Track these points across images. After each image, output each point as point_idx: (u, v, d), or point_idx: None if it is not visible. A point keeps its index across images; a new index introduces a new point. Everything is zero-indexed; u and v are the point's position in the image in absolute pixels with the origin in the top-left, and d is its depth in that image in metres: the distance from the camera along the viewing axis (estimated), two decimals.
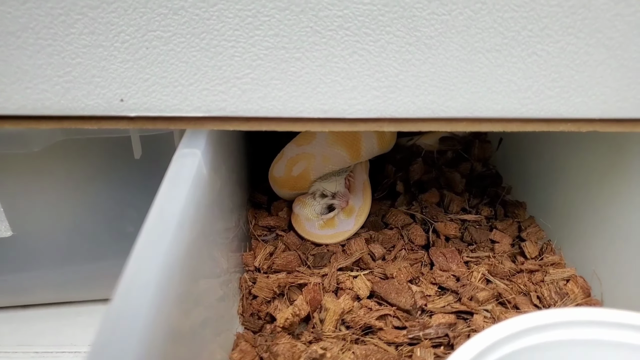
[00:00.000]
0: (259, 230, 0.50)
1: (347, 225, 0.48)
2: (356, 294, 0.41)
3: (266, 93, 0.32)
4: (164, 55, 0.30)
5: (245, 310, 0.41)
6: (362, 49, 0.31)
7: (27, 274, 0.48)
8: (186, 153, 0.33)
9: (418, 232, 0.48)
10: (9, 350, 0.44)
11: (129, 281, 0.24)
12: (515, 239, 0.49)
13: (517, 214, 0.51)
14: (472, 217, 0.51)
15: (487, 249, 0.47)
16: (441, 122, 0.33)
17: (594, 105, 0.33)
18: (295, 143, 0.49)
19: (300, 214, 0.50)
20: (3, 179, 0.42)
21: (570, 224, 0.47)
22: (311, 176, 0.50)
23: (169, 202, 0.29)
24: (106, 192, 0.45)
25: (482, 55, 0.31)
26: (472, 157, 0.59)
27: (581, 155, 0.46)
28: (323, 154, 0.48)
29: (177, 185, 0.30)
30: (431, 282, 0.43)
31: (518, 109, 0.33)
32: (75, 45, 0.30)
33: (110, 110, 0.32)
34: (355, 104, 0.32)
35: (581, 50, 0.31)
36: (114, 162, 0.43)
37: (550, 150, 0.51)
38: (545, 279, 0.43)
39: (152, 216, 0.28)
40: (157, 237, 0.26)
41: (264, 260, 0.45)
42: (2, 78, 0.30)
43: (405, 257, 0.45)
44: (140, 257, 0.25)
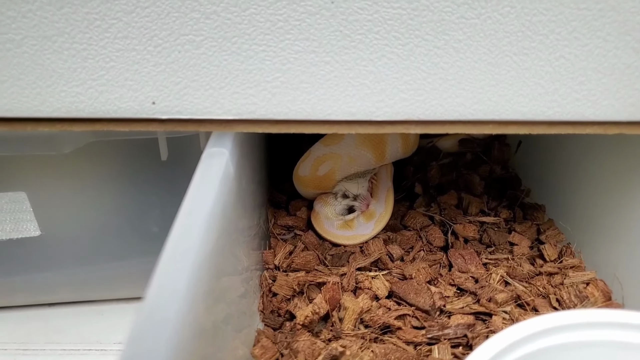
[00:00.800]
0: (278, 229, 0.50)
1: (366, 229, 0.49)
2: (375, 293, 0.41)
3: (295, 96, 0.32)
4: (195, 59, 0.31)
5: (266, 307, 0.41)
6: (390, 53, 0.31)
7: (53, 273, 0.49)
8: (214, 153, 0.33)
9: (437, 234, 0.48)
10: (37, 348, 0.45)
11: (160, 280, 0.24)
12: (534, 241, 0.49)
13: (536, 216, 0.51)
14: (490, 220, 0.51)
15: (506, 251, 0.47)
16: (468, 124, 0.33)
17: (621, 107, 0.33)
18: (323, 143, 0.50)
19: (320, 212, 0.51)
20: (33, 180, 0.43)
21: (590, 226, 0.47)
22: (337, 176, 0.50)
23: (199, 201, 0.29)
24: (132, 193, 0.45)
25: (510, 59, 0.31)
26: (491, 159, 0.60)
27: (602, 158, 0.46)
28: (350, 155, 0.49)
29: (206, 183, 0.30)
30: (450, 283, 0.43)
31: (545, 111, 0.33)
32: (109, 49, 0.30)
33: (142, 113, 0.32)
34: (382, 107, 0.32)
35: (609, 54, 0.31)
36: (140, 163, 0.44)
37: (570, 153, 0.51)
38: (564, 282, 0.43)
39: (183, 214, 0.28)
40: (187, 236, 0.27)
41: (283, 258, 0.45)
42: (38, 82, 0.31)
43: (424, 259, 0.46)
44: (171, 256, 0.25)
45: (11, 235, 0.45)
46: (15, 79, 0.31)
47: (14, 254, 0.47)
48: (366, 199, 0.51)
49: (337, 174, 0.50)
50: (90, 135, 0.39)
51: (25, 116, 0.32)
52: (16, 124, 0.33)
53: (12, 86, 0.31)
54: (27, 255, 0.47)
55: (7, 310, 0.50)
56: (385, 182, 0.53)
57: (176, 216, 0.28)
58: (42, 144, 0.38)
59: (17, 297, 0.50)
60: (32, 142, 0.38)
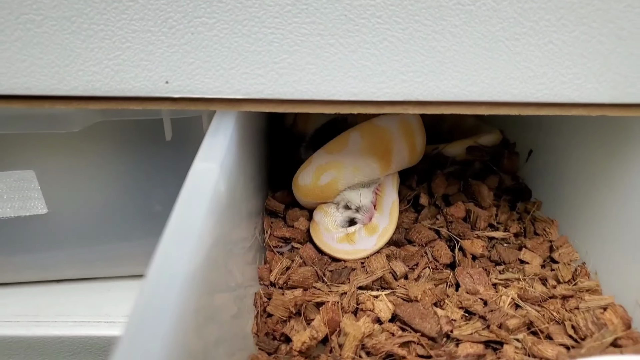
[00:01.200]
0: (275, 241, 0.48)
1: (368, 243, 0.46)
2: (377, 316, 0.39)
3: (301, 77, 0.34)
4: (207, 40, 0.32)
5: (260, 329, 0.39)
6: (392, 36, 0.33)
7: (59, 251, 0.50)
8: (217, 133, 0.35)
9: (443, 250, 0.45)
10: (49, 320, 0.47)
11: (145, 302, 0.22)
12: (546, 259, 0.46)
13: (548, 232, 0.49)
14: (500, 235, 0.48)
15: (517, 270, 0.44)
16: (463, 105, 0.35)
17: (604, 90, 0.35)
18: (325, 150, 0.47)
19: (320, 223, 0.48)
20: (42, 158, 0.44)
21: (608, 245, 0.44)
22: (339, 186, 0.48)
23: (192, 205, 0.29)
24: (136, 172, 0.47)
25: (502, 44, 0.34)
26: (500, 168, 0.57)
27: (623, 169, 0.42)
28: (354, 164, 0.47)
29: (198, 190, 0.30)
30: (457, 305, 0.40)
31: (534, 93, 0.35)
32: (125, 30, 0.32)
33: (155, 92, 0.34)
34: (383, 88, 0.34)
35: (594, 40, 0.33)
36: (145, 143, 0.45)
37: (586, 164, 0.47)
38: (580, 306, 0.40)
39: (175, 219, 0.28)
40: (177, 248, 0.26)
41: (280, 275, 0.43)
42: (57, 61, 0.33)
43: (430, 277, 0.43)
44: (158, 275, 0.24)
45: (19, 212, 0.46)
46: (35, 58, 0.32)
47: (22, 231, 0.48)
48: (369, 211, 0.48)
49: (340, 184, 0.48)
50: (98, 115, 0.41)
51: (43, 94, 0.34)
52: (34, 101, 0.34)
53: (31, 65, 0.33)
54: (34, 232, 0.48)
55: (16, 286, 0.52)
56: (390, 194, 0.49)
57: (168, 219, 0.27)
58: (53, 122, 0.40)
59: (25, 274, 0.52)
60: (43, 121, 0.40)
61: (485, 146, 0.58)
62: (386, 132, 0.47)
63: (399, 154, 0.48)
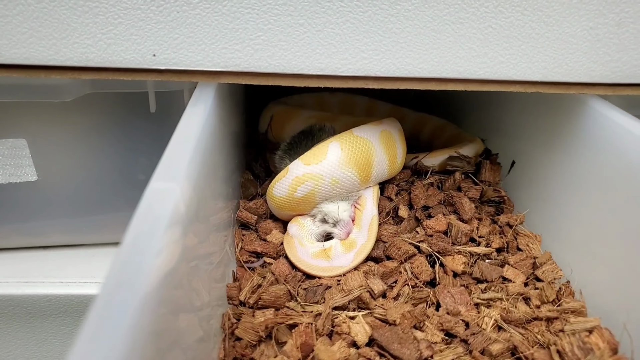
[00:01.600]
0: (245, 256, 0.46)
1: (344, 260, 0.44)
2: (353, 339, 0.37)
3: (274, 52, 0.39)
4: (191, 18, 0.37)
5: (227, 354, 0.36)
6: (353, 18, 0.38)
7: (47, 219, 0.54)
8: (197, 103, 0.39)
9: (423, 267, 0.44)
10: (37, 281, 0.50)
11: (94, 325, 0.20)
12: (529, 276, 0.45)
13: (531, 247, 0.47)
14: (482, 250, 0.46)
15: (500, 289, 0.43)
16: (416, 80, 0.41)
17: (536, 70, 0.41)
18: (303, 161, 0.45)
19: (294, 237, 0.46)
20: (34, 126, 0.47)
21: (594, 263, 0.42)
22: (317, 199, 0.46)
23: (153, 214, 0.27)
24: (122, 142, 0.51)
25: (449, 27, 0.39)
26: (481, 180, 0.55)
27: (609, 181, 0.41)
28: (333, 176, 0.45)
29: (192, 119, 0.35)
30: (438, 327, 0.39)
31: (477, 71, 0.41)
32: (118, 7, 0.36)
33: (143, 64, 0.38)
34: (346, 64, 0.39)
35: (526, 25, 0.39)
36: (131, 115, 0.49)
37: (569, 176, 0.46)
38: (565, 329, 0.38)
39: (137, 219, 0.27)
40: (135, 261, 0.24)
41: (250, 293, 0.41)
42: (54, 34, 0.36)
43: (409, 296, 0.41)
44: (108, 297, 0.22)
45: (10, 179, 0.50)
46: (34, 31, 0.36)
47: (12, 198, 0.51)
48: (347, 226, 0.46)
49: (318, 197, 0.46)
50: (89, 86, 0.44)
51: (40, 64, 0.37)
52: (31, 70, 0.38)
53: (30, 37, 0.36)
54: (24, 199, 0.52)
55: (5, 251, 0.55)
56: (370, 208, 0.47)
57: (125, 232, 0.26)
58: (47, 92, 0.43)
59: (13, 240, 0.55)
60: (38, 90, 0.43)
61: (466, 156, 0.56)
62: (367, 143, 0.46)
63: (379, 166, 0.47)
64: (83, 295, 0.51)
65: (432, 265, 0.45)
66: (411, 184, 0.53)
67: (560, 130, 0.47)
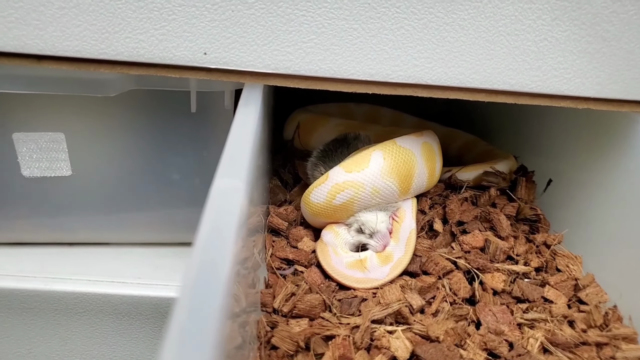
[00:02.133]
0: (277, 262, 0.45)
1: (380, 273, 0.43)
2: (393, 355, 0.36)
3: (325, 56, 0.38)
4: (245, 18, 0.36)
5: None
6: (408, 25, 0.37)
7: (77, 214, 0.53)
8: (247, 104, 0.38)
9: (462, 283, 0.43)
10: (65, 277, 0.50)
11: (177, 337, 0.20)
12: (571, 298, 0.43)
13: (571, 268, 0.46)
14: (521, 269, 0.45)
15: (542, 309, 0.41)
16: (466, 91, 0.40)
17: (590, 85, 0.40)
18: (344, 168, 0.44)
19: (328, 245, 0.45)
20: (73, 121, 0.47)
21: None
22: (355, 208, 0.45)
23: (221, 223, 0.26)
24: (159, 141, 0.50)
25: (504, 38, 0.38)
26: (517, 197, 0.54)
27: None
28: (374, 185, 0.44)
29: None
30: (481, 347, 0.37)
31: (528, 84, 0.40)
32: (173, 3, 0.36)
33: (193, 62, 0.38)
34: (397, 70, 0.39)
35: (583, 39, 0.38)
36: (171, 114, 0.49)
37: (615, 197, 0.45)
38: (616, 356, 0.37)
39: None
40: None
41: (284, 301, 0.40)
42: (108, 27, 0.36)
43: (449, 313, 0.40)
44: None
45: (45, 173, 0.49)
46: (88, 24, 0.36)
47: (43, 192, 0.51)
48: (384, 238, 0.45)
49: (356, 206, 0.45)
50: (133, 83, 0.44)
51: (91, 57, 0.37)
52: (81, 63, 0.38)
53: (84, 30, 0.36)
54: (55, 194, 0.52)
55: (31, 246, 0.55)
56: (409, 221, 0.46)
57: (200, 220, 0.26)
58: (91, 86, 0.43)
59: (42, 234, 0.55)
60: (82, 84, 0.43)
61: (502, 172, 0.55)
62: (409, 154, 0.46)
63: (419, 178, 0.46)
64: (110, 294, 0.50)
65: (470, 282, 0.44)
66: (445, 197, 0.53)
67: (607, 149, 0.46)
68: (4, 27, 0.35)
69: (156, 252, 0.56)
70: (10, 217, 0.52)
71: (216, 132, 0.50)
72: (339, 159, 0.50)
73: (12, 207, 0.52)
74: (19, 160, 0.48)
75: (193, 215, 0.56)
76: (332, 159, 0.51)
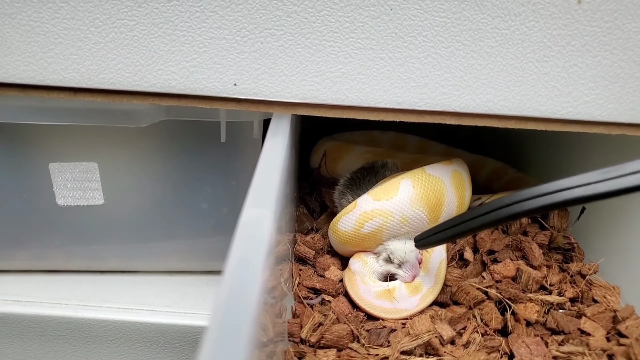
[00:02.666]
0: (304, 292, 0.45)
1: (409, 303, 0.43)
2: None
3: (352, 85, 0.38)
4: (274, 49, 0.37)
5: None
6: (435, 54, 0.37)
7: (108, 243, 0.54)
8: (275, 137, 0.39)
9: (493, 313, 0.42)
10: (95, 305, 0.50)
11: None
12: (610, 331, 0.42)
13: (609, 299, 0.44)
14: (555, 299, 0.43)
15: (579, 342, 0.40)
16: (495, 118, 0.40)
17: (623, 111, 0.39)
18: (372, 196, 0.44)
19: (356, 273, 0.45)
20: (106, 150, 0.48)
21: None
22: (383, 236, 0.45)
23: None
24: (189, 170, 0.51)
25: (532, 64, 0.38)
26: (549, 225, 0.53)
27: None
28: (403, 214, 0.44)
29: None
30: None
31: (559, 110, 0.39)
32: (204, 36, 0.37)
33: (223, 93, 0.39)
34: (425, 98, 0.39)
35: (615, 64, 0.38)
36: (201, 144, 0.50)
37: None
38: None
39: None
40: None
41: (311, 331, 0.40)
42: (141, 60, 0.37)
43: (481, 344, 0.39)
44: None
45: (79, 202, 0.51)
46: (123, 57, 0.37)
47: (76, 220, 0.52)
48: (413, 269, 0.44)
49: (385, 235, 0.44)
50: (164, 113, 0.45)
51: (125, 89, 0.38)
52: (115, 95, 0.39)
53: (119, 63, 0.37)
54: (87, 222, 0.53)
55: (63, 274, 0.55)
56: (439, 251, 0.46)
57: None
58: (124, 117, 0.44)
59: (74, 262, 0.55)
60: (115, 115, 0.44)
61: None
62: (439, 182, 0.45)
63: (449, 206, 0.46)
64: (138, 322, 0.50)
65: (502, 313, 0.42)
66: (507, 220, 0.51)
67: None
68: (44, 62, 0.37)
69: (184, 281, 0.56)
70: (45, 246, 0.54)
71: (245, 162, 0.50)
72: (366, 187, 0.49)
73: (47, 236, 0.53)
74: (54, 189, 0.49)
75: (221, 243, 0.57)
76: (359, 187, 0.51)
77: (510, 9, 0.36)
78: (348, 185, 0.52)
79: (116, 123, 0.44)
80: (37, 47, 0.37)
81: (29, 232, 0.52)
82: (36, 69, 0.37)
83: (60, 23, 0.36)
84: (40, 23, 0.36)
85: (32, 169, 0.49)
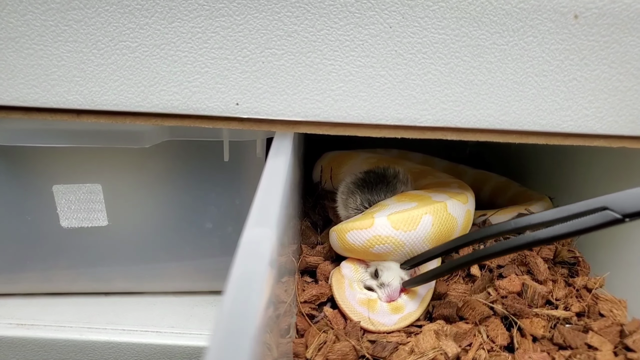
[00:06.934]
0: (307, 308, 0.44)
1: (388, 320, 0.43)
2: None
3: (353, 103, 0.39)
4: (275, 69, 0.38)
5: None
6: (435, 70, 0.38)
7: (112, 265, 0.54)
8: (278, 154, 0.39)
9: (499, 329, 0.41)
10: (100, 327, 0.50)
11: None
12: (617, 345, 0.41)
13: (615, 313, 0.44)
14: (561, 314, 0.43)
15: (586, 357, 0.39)
16: (496, 133, 0.40)
17: (623, 124, 0.39)
18: (392, 223, 0.44)
19: (345, 277, 0.46)
20: (109, 171, 0.49)
21: None
22: (387, 259, 0.46)
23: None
24: (193, 190, 0.51)
25: (532, 79, 0.38)
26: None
27: None
28: (413, 246, 0.44)
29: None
30: None
31: (560, 124, 0.39)
32: (205, 57, 0.37)
33: (226, 112, 0.39)
34: (425, 114, 0.39)
35: (613, 78, 0.38)
36: (204, 164, 0.50)
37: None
38: None
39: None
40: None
41: (316, 351, 0.39)
42: (144, 81, 0.38)
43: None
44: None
45: (83, 223, 0.51)
46: (125, 79, 0.38)
47: (81, 242, 0.52)
48: (392, 294, 0.44)
49: (389, 258, 0.45)
50: (167, 134, 0.46)
51: (127, 110, 0.39)
52: (118, 116, 0.39)
53: (121, 84, 0.38)
54: (92, 244, 0.53)
55: (68, 296, 0.55)
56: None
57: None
58: (127, 138, 0.44)
59: (79, 284, 0.55)
60: (119, 136, 0.44)
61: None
62: (454, 223, 0.46)
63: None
64: (143, 344, 0.50)
65: (509, 328, 0.42)
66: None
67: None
68: (47, 84, 0.37)
69: (190, 301, 0.56)
70: (49, 268, 0.54)
71: (248, 180, 0.50)
72: (377, 194, 0.50)
73: (51, 258, 0.53)
74: (58, 211, 0.50)
75: (226, 263, 0.56)
76: (370, 191, 0.50)
77: (508, 25, 0.36)
78: (359, 185, 0.52)
79: (119, 144, 0.45)
80: (40, 69, 0.37)
81: (33, 255, 0.52)
82: (39, 92, 0.38)
83: (63, 46, 0.36)
84: (43, 46, 0.36)
85: (36, 192, 0.49)
